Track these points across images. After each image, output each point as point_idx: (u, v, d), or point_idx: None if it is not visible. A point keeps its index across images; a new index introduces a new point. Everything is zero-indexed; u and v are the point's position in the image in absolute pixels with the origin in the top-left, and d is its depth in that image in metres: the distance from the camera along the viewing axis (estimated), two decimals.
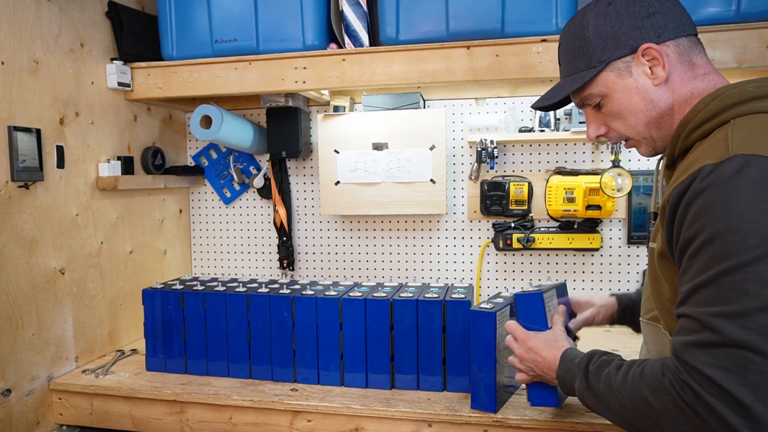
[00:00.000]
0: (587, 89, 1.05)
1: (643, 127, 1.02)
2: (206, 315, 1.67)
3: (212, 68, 1.87)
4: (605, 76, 1.02)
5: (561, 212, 1.98)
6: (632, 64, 0.99)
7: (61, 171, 1.70)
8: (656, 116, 1.01)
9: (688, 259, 0.85)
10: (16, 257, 1.54)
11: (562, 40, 1.10)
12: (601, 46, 1.01)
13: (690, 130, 0.95)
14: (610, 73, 1.01)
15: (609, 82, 1.02)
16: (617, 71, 1.01)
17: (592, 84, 1.03)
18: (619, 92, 1.02)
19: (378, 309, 1.54)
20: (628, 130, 1.04)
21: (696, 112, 0.95)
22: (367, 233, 2.27)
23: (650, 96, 1.00)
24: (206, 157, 2.39)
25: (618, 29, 0.99)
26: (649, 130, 1.02)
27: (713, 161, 0.84)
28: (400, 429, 1.43)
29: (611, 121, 1.06)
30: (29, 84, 1.59)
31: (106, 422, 1.65)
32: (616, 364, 0.98)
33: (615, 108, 1.03)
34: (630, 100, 1.01)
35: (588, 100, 1.06)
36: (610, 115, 1.05)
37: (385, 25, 1.75)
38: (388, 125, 2.01)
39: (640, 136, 1.04)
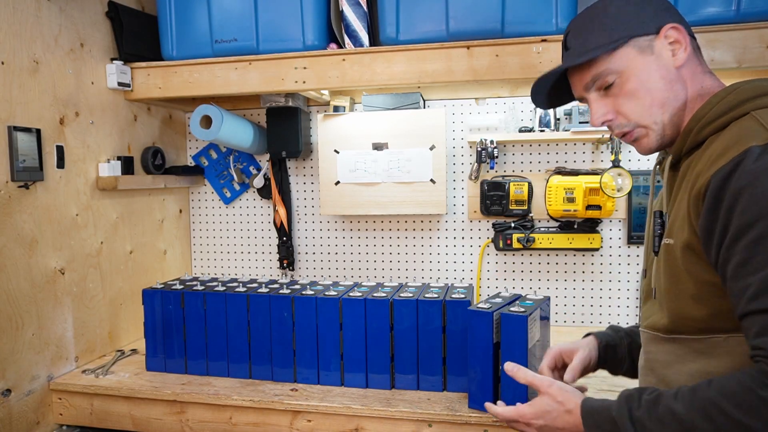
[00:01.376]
0: (605, 63, 0.98)
1: (658, 109, 0.97)
2: (206, 315, 1.67)
3: (212, 68, 1.87)
4: (626, 51, 0.97)
5: (561, 212, 1.98)
6: (654, 43, 0.97)
7: (61, 171, 1.70)
8: (672, 99, 0.97)
9: (749, 247, 0.80)
10: (16, 257, 1.54)
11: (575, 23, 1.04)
12: (624, 22, 0.98)
13: (704, 124, 0.93)
14: (631, 48, 0.97)
15: (629, 58, 0.97)
16: (639, 48, 0.97)
17: (613, 58, 0.97)
18: (638, 69, 0.97)
19: (378, 309, 1.54)
20: (641, 113, 0.98)
21: (711, 106, 0.93)
22: (367, 233, 2.27)
23: (670, 76, 0.97)
24: (206, 157, 2.39)
25: (640, 12, 0.98)
26: (663, 113, 0.97)
27: (759, 143, 0.81)
28: (400, 429, 1.43)
29: (623, 103, 0.99)
30: (29, 84, 1.59)
31: (106, 422, 1.65)
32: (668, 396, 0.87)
33: (632, 86, 0.97)
34: (649, 78, 0.96)
35: (602, 77, 0.99)
36: (623, 96, 0.98)
37: (385, 25, 1.75)
38: (388, 125, 2.01)
39: (652, 120, 0.98)
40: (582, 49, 1.01)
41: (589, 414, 0.95)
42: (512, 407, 1.08)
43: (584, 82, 1.03)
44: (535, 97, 1.13)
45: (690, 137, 0.95)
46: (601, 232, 2.05)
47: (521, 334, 1.31)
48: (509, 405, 1.19)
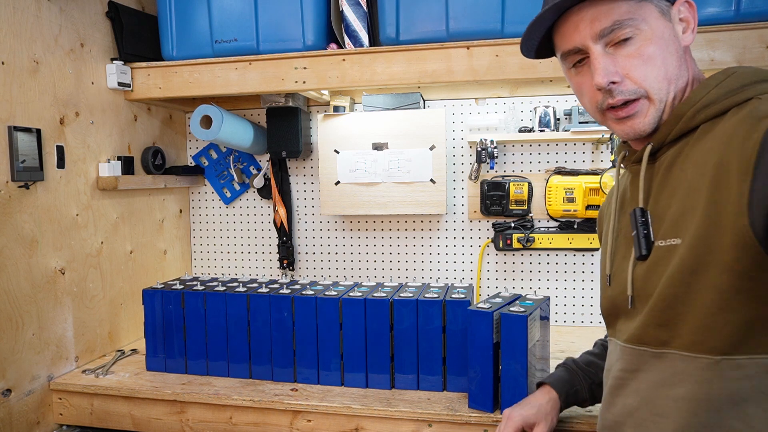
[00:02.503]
0: (630, 12, 0.84)
1: (667, 84, 0.87)
2: (206, 315, 1.67)
3: (212, 68, 1.87)
4: (650, 9, 0.85)
5: (561, 212, 1.98)
6: (671, 12, 0.88)
7: (61, 171, 1.70)
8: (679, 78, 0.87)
9: None
10: (17, 257, 1.55)
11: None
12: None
13: (699, 108, 0.84)
14: (654, 7, 0.86)
15: (653, 16, 0.85)
16: (660, 9, 0.86)
17: (638, 8, 0.85)
18: (660, 31, 0.85)
19: (378, 309, 1.54)
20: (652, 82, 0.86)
21: (707, 88, 0.84)
22: (367, 233, 2.27)
23: (680, 53, 0.88)
24: (206, 157, 2.39)
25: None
26: (669, 90, 0.87)
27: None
28: (400, 429, 1.43)
29: (637, 66, 0.85)
30: (29, 84, 1.59)
31: (106, 422, 1.65)
32: None
33: (650, 50, 0.85)
34: (667, 47, 0.86)
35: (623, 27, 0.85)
36: (639, 57, 0.85)
37: (385, 25, 1.75)
38: (388, 125, 2.01)
39: (659, 95, 0.87)
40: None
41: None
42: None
43: (599, 28, 0.86)
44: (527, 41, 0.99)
45: (681, 123, 0.86)
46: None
47: (521, 334, 1.31)
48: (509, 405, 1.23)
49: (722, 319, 0.79)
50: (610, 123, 0.91)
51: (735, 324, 0.78)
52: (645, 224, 0.89)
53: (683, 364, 0.83)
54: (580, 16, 0.88)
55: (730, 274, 0.77)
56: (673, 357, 0.85)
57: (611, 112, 0.89)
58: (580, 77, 0.93)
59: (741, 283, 0.77)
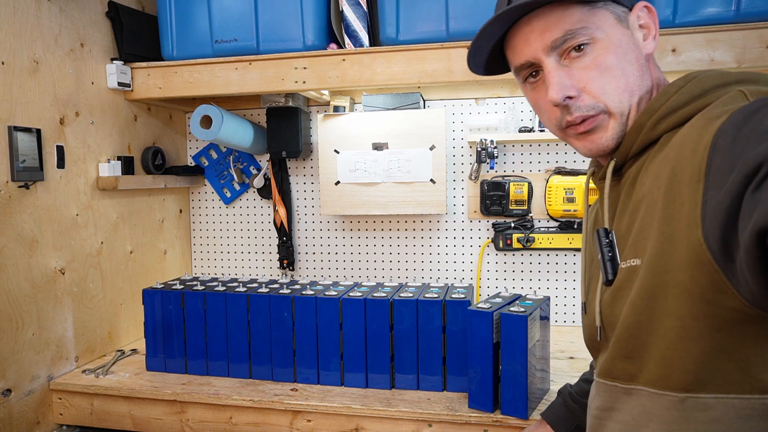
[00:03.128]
0: (583, 20, 0.77)
1: (628, 96, 0.79)
2: (206, 315, 1.67)
3: (212, 68, 1.87)
4: (605, 15, 0.78)
5: (561, 212, 1.98)
6: (629, 18, 0.81)
7: (61, 171, 1.70)
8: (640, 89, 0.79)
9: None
10: (17, 257, 1.55)
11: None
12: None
13: (659, 118, 0.76)
14: (610, 13, 0.78)
15: (608, 24, 0.78)
16: (616, 16, 0.79)
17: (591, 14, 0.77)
18: (617, 40, 0.78)
19: (378, 309, 1.54)
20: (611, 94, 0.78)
21: (667, 96, 0.76)
22: (367, 233, 2.27)
23: (641, 61, 0.80)
24: (206, 157, 2.39)
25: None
26: (631, 102, 0.79)
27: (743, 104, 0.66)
28: (400, 429, 1.43)
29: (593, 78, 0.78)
30: (29, 84, 1.59)
31: (106, 422, 1.65)
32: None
33: (609, 61, 0.77)
34: (626, 56, 0.78)
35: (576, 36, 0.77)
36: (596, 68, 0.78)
37: (385, 25, 1.75)
38: (388, 125, 2.01)
39: (620, 108, 0.79)
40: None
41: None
42: None
43: (549, 39, 0.79)
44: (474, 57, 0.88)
45: (642, 134, 0.78)
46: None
47: (521, 334, 1.31)
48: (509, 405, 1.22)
49: (683, 349, 0.69)
50: (571, 140, 0.84)
51: (696, 355, 0.68)
52: (610, 245, 0.81)
53: (651, 402, 0.74)
54: (530, 27, 0.80)
55: (687, 298, 0.67)
56: (640, 393, 0.75)
57: (571, 128, 0.82)
58: (536, 93, 0.85)
59: (698, 308, 0.67)
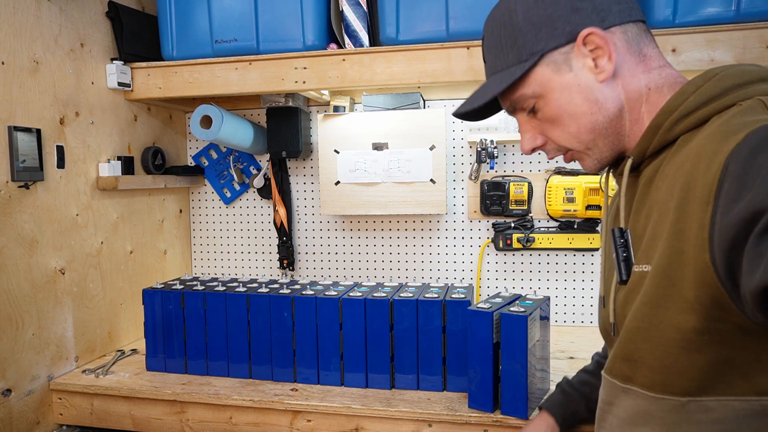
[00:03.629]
0: (519, 89, 0.84)
1: (587, 135, 0.82)
2: (206, 315, 1.67)
3: (212, 68, 1.87)
4: (540, 72, 0.82)
5: (561, 212, 1.98)
6: (572, 56, 0.80)
7: (61, 171, 1.70)
8: (603, 120, 0.81)
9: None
10: (16, 257, 1.55)
11: (486, 29, 0.88)
12: (533, 34, 0.80)
13: (676, 119, 0.76)
14: (545, 67, 0.81)
15: (545, 79, 0.81)
16: (554, 65, 0.81)
17: (525, 82, 0.83)
18: (557, 92, 0.81)
19: (378, 309, 1.54)
20: (569, 139, 0.84)
21: (685, 96, 0.76)
22: (367, 233, 2.27)
23: (595, 95, 0.80)
24: (206, 157, 2.39)
25: (553, 12, 0.80)
26: (595, 138, 0.83)
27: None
28: (400, 429, 1.43)
29: (550, 129, 0.85)
30: (29, 84, 1.59)
31: (106, 422, 1.65)
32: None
33: (552, 112, 0.83)
34: (571, 102, 0.81)
35: (520, 103, 0.86)
36: (546, 121, 0.85)
37: (385, 25, 1.75)
38: (388, 125, 2.01)
39: (583, 146, 0.84)
40: (493, 68, 0.87)
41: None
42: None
43: (506, 105, 0.89)
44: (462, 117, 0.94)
45: (658, 135, 0.78)
46: (601, 232, 2.05)
47: (521, 334, 1.31)
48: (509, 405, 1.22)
49: (686, 359, 0.71)
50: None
51: (700, 365, 0.71)
52: (624, 246, 0.81)
53: (646, 403, 0.77)
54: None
55: (691, 313, 0.69)
56: (636, 394, 0.79)
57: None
58: None
59: (703, 324, 0.68)
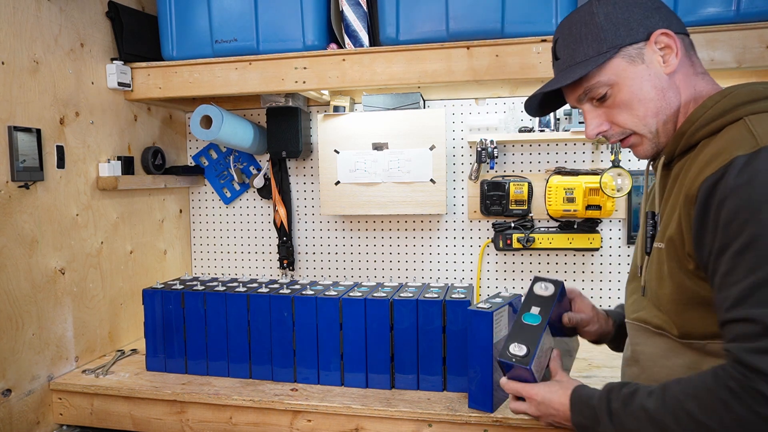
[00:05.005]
0: (596, 77, 0.99)
1: (652, 119, 0.98)
2: (206, 315, 1.67)
3: (212, 68, 1.87)
4: (617, 63, 0.97)
5: (561, 212, 1.98)
6: (644, 51, 0.97)
7: (61, 171, 1.70)
8: (666, 107, 0.98)
9: (732, 258, 0.81)
10: (17, 257, 1.55)
11: (561, 33, 1.04)
12: (613, 31, 0.97)
13: (698, 127, 0.94)
14: (621, 59, 0.97)
15: (620, 69, 0.97)
16: (629, 58, 0.97)
17: (603, 71, 0.98)
18: (630, 80, 0.97)
19: (378, 309, 1.54)
20: (636, 123, 0.99)
21: (705, 109, 0.94)
22: (367, 233, 2.27)
23: (662, 84, 0.97)
24: (206, 157, 2.39)
25: (629, 17, 0.97)
26: (657, 122, 0.99)
27: (744, 152, 0.82)
28: (400, 429, 1.43)
29: (617, 114, 1.00)
30: (29, 84, 1.59)
31: (106, 422, 1.65)
32: (643, 392, 0.91)
33: (625, 97, 0.98)
34: (642, 89, 0.97)
35: (593, 90, 1.00)
36: (617, 106, 1.00)
37: (385, 25, 1.75)
38: (388, 125, 2.01)
39: (647, 129, 1.00)
40: (571, 61, 1.01)
41: (577, 401, 1.01)
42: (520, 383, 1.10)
43: (576, 95, 1.03)
44: (529, 109, 1.14)
45: (683, 140, 0.96)
46: (601, 232, 2.05)
47: None
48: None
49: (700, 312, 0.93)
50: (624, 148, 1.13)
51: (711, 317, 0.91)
52: (653, 226, 1.04)
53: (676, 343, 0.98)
54: (564, 89, 1.06)
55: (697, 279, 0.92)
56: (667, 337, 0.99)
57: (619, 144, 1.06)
58: None
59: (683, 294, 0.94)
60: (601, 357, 1.72)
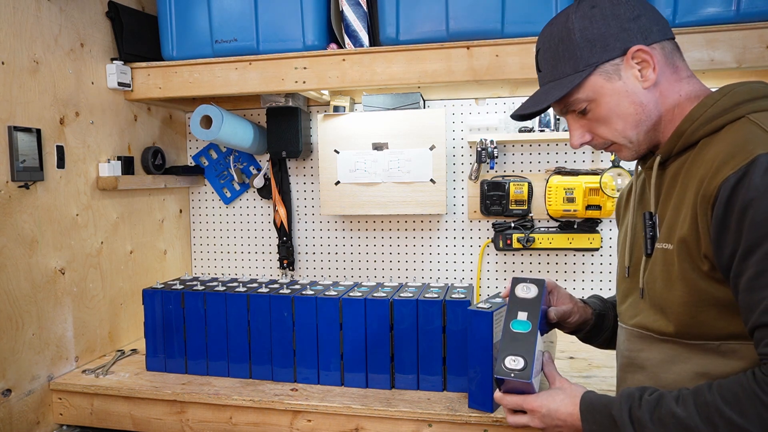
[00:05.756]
0: (574, 94, 1.00)
1: (632, 131, 1.00)
2: (206, 315, 1.67)
3: (212, 68, 1.87)
4: (593, 80, 0.98)
5: (561, 212, 1.98)
6: (621, 67, 0.97)
7: (61, 171, 1.70)
8: (645, 119, 0.99)
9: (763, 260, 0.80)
10: (17, 257, 1.55)
11: (542, 44, 1.05)
12: (589, 48, 0.97)
13: (698, 126, 0.94)
14: (598, 77, 0.98)
15: (597, 86, 0.98)
16: (606, 75, 0.98)
17: (580, 89, 0.99)
18: (608, 96, 0.98)
19: (378, 309, 1.54)
20: (615, 135, 1.01)
21: (705, 107, 0.94)
22: (367, 233, 2.27)
23: (640, 99, 0.98)
24: (206, 157, 2.39)
25: (605, 32, 0.97)
26: (638, 134, 1.00)
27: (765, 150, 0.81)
28: (400, 429, 1.43)
29: (597, 127, 1.02)
30: (29, 84, 1.59)
31: (106, 422, 1.65)
32: (670, 398, 0.88)
33: (603, 113, 1.00)
34: (619, 104, 0.98)
35: (573, 105, 1.02)
36: (596, 120, 1.02)
37: (385, 25, 1.75)
38: (388, 125, 2.01)
39: (626, 140, 1.01)
40: (551, 76, 1.03)
41: (589, 410, 0.96)
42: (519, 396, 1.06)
43: (559, 108, 1.06)
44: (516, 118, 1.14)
45: (682, 138, 0.96)
46: (601, 232, 2.05)
47: None
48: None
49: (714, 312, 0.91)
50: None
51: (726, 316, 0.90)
52: (652, 226, 1.02)
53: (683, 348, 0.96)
54: None
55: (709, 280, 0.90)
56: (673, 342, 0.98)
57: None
58: None
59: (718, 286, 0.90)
60: (602, 357, 1.72)
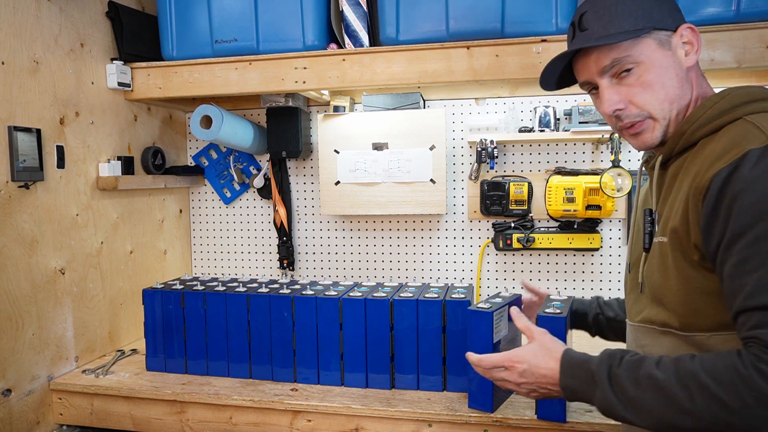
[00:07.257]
0: (628, 50, 0.98)
1: (669, 105, 0.99)
2: (206, 315, 1.67)
3: (212, 68, 1.87)
4: (648, 42, 0.98)
5: (561, 212, 1.98)
6: (672, 40, 0.99)
7: (61, 171, 1.70)
8: (681, 97, 0.99)
9: (748, 247, 0.83)
10: (17, 257, 1.55)
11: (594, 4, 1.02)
12: (647, 13, 0.98)
13: (697, 127, 0.96)
14: (653, 40, 0.98)
15: (650, 49, 0.98)
16: (658, 41, 0.98)
17: (636, 46, 0.97)
18: (658, 62, 0.98)
19: (378, 309, 1.54)
20: (654, 105, 0.99)
21: (704, 109, 0.96)
22: (367, 233, 2.27)
23: (682, 74, 0.99)
24: (206, 157, 2.39)
25: (661, 5, 0.99)
26: (672, 109, 0.99)
27: (756, 146, 0.85)
28: (400, 429, 1.43)
29: (637, 94, 0.99)
30: (29, 84, 1.59)
31: (106, 422, 1.65)
32: (651, 361, 0.89)
33: (649, 78, 0.98)
34: (666, 73, 0.98)
35: (621, 63, 0.98)
36: (639, 85, 0.99)
37: (385, 25, 1.75)
38: (388, 125, 2.01)
39: (662, 114, 0.99)
40: (604, 31, 0.99)
41: (569, 364, 0.99)
42: (497, 353, 1.08)
43: (601, 65, 1.01)
44: (545, 79, 1.12)
45: (683, 139, 0.99)
46: (601, 232, 2.05)
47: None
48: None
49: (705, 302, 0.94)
50: (626, 137, 1.06)
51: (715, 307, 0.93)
52: (651, 223, 1.04)
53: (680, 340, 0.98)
54: (588, 56, 1.02)
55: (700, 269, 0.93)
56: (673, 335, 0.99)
57: (625, 130, 1.05)
58: (597, 101, 1.07)
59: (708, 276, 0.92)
60: None
